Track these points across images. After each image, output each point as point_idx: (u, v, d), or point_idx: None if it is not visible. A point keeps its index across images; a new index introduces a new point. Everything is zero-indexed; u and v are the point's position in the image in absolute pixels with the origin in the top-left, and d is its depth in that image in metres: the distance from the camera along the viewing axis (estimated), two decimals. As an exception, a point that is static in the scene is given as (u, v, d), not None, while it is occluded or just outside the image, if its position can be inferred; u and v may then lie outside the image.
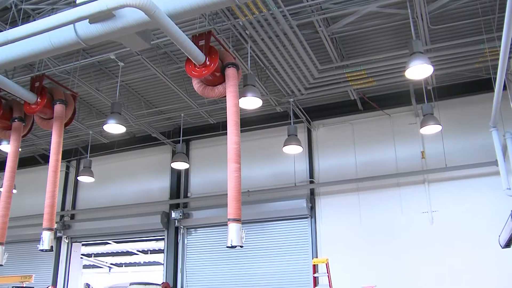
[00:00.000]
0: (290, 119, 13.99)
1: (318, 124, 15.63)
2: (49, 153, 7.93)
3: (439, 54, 11.93)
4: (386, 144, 14.61)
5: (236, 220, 4.46)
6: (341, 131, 15.34)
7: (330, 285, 11.94)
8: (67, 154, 18.26)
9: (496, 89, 9.21)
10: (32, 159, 18.89)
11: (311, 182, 15.14)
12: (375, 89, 14.25)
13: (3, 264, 7.50)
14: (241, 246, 4.33)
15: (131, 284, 3.36)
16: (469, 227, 13.01)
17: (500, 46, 7.62)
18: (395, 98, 14.55)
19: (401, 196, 14.04)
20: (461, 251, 12.87)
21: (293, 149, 13.59)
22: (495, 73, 8.93)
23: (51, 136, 8.10)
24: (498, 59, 8.21)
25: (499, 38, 8.25)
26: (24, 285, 15.21)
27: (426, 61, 8.98)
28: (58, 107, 8.26)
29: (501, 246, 10.77)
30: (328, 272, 12.07)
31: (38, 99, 8.26)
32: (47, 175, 7.79)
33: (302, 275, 14.28)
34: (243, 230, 4.44)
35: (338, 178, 14.76)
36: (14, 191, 8.57)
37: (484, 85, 13.12)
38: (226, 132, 5.90)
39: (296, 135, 13.52)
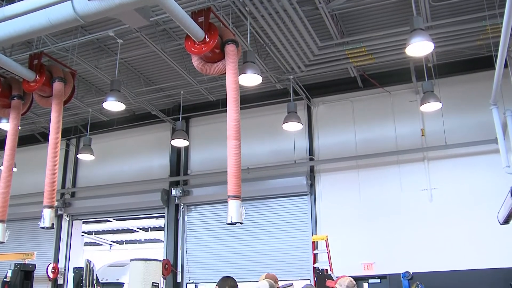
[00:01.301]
0: (290, 96, 13.95)
1: (318, 101, 15.60)
2: (49, 131, 7.92)
3: (440, 31, 11.86)
4: (386, 122, 14.59)
5: (236, 197, 4.47)
6: (341, 108, 15.31)
7: (329, 261, 12.03)
8: (67, 132, 18.25)
9: (497, 67, 9.16)
10: (32, 137, 18.89)
11: (311, 159, 15.16)
12: (375, 66, 14.19)
13: (4, 241, 7.55)
14: (241, 223, 4.35)
15: (132, 260, 3.37)
16: (468, 204, 13.07)
17: (502, 23, 7.56)
18: (395, 75, 14.49)
19: (401, 174, 14.07)
20: (460, 228, 12.94)
21: (293, 126, 13.58)
22: (496, 51, 8.87)
23: (50, 114, 8.08)
24: (499, 36, 8.14)
25: (501, 15, 8.17)
26: (26, 262, 15.32)
27: (427, 38, 8.91)
28: (57, 85, 8.23)
29: (499, 223, 10.82)
30: (327, 249, 12.14)
31: (37, 77, 8.22)
32: (47, 153, 7.80)
33: (301, 252, 14.38)
34: (243, 207, 4.45)
35: (337, 156, 14.78)
36: (15, 169, 8.57)
37: (485, 63, 13.03)
38: (226, 109, 5.88)
39: (296, 112, 13.50)
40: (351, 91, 15.14)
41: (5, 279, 14.54)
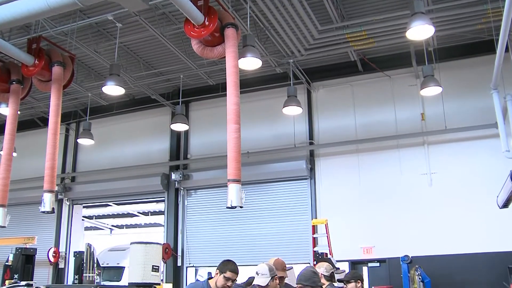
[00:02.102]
0: (290, 80, 13.90)
1: (317, 85, 15.55)
2: (48, 115, 7.89)
3: (441, 14, 11.78)
4: (386, 106, 14.57)
5: (236, 181, 4.47)
6: (341, 92, 15.28)
7: (329, 245, 12.09)
8: (67, 117, 18.22)
9: (498, 51, 9.11)
10: (32, 122, 18.87)
11: (311, 143, 15.16)
12: (376, 50, 14.13)
13: (5, 225, 7.56)
14: (241, 207, 4.35)
15: (132, 243, 3.40)
16: (467, 189, 13.10)
17: (503, 7, 7.51)
18: (396, 59, 14.44)
19: (401, 158, 14.08)
20: (459, 212, 12.99)
21: (293, 110, 13.56)
22: (498, 35, 8.81)
23: (50, 98, 8.05)
24: (501, 20, 8.09)
25: (503, -3, 8.11)
26: (28, 246, 15.40)
27: (428, 21, 8.87)
28: (56, 69, 8.17)
29: (499, 207, 10.85)
30: (327, 232, 12.20)
31: (36, 61, 8.17)
32: (47, 137, 7.78)
33: (301, 236, 14.44)
34: (243, 191, 4.45)
35: (337, 140, 14.77)
36: (14, 154, 8.55)
37: (486, 47, 12.95)
38: (226, 93, 5.87)
39: (296, 96, 13.46)
40: (351, 75, 15.10)
41: (6, 263, 14.62)
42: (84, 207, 19.92)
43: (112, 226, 28.53)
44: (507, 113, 11.12)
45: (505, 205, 10.45)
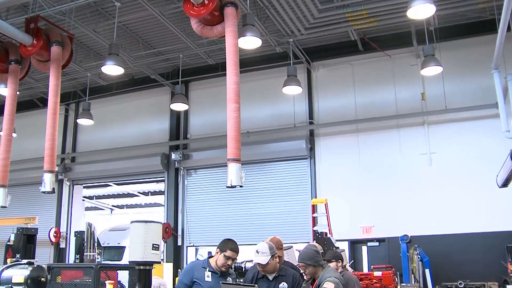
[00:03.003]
0: (290, 60, 13.83)
1: (318, 65, 15.48)
2: (48, 96, 7.86)
3: (443, -7, 11.69)
4: (386, 86, 14.52)
5: (236, 160, 4.47)
6: (341, 72, 15.22)
7: (328, 225, 12.12)
8: (66, 97, 18.16)
9: (499, 30, 9.06)
10: (31, 103, 18.82)
11: (311, 123, 15.16)
12: (376, 29, 14.04)
13: (6, 206, 7.58)
14: (241, 186, 4.36)
15: (132, 222, 3.41)
16: (467, 169, 13.12)
17: (505, -15, 7.45)
18: (396, 39, 14.35)
19: (400, 138, 14.08)
20: (459, 192, 13.03)
21: (293, 90, 13.52)
22: (500, 14, 8.75)
23: (49, 79, 8.02)
24: (503, -2, 8.03)
25: (505, -25, 8.03)
26: (29, 226, 15.45)
27: (429, 0, 8.79)
28: (54, 49, 8.12)
29: (498, 186, 10.88)
30: (327, 212, 12.22)
31: (34, 41, 8.11)
32: (46, 118, 7.76)
33: (301, 215, 14.51)
34: (243, 170, 4.45)
35: (337, 119, 14.76)
36: (14, 135, 8.54)
37: (487, 26, 12.85)
38: (226, 73, 5.84)
39: (296, 76, 13.40)
40: (351, 54, 15.02)
41: (8, 243, 14.68)
42: (84, 187, 19.96)
43: (113, 206, 28.61)
44: (507, 93, 11.09)
45: (505, 184, 10.48)
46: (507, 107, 11.20)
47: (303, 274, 5.44)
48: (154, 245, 3.07)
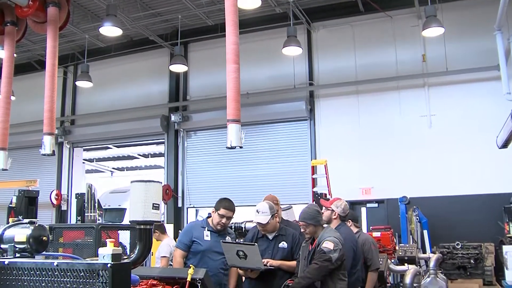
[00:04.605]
0: (290, 21, 13.65)
1: (318, 26, 15.31)
2: (45, 58, 7.80)
3: (445, -49, 11.48)
4: (386, 47, 14.40)
5: (236, 121, 4.44)
6: (341, 33, 15.06)
7: (328, 186, 12.21)
8: (64, 60, 18.03)
9: (502, -11, 8.93)
10: (29, 65, 18.66)
11: (311, 84, 15.09)
12: (377, -11, 13.85)
13: (7, 168, 7.60)
14: (241, 147, 4.35)
15: (132, 182, 3.43)
16: (466, 131, 13.12)
17: None
18: (398, -1, 14.18)
19: (401, 99, 14.04)
20: (458, 154, 13.07)
21: (293, 51, 13.41)
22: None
23: (46, 41, 7.93)
24: (506, -44, 7.89)
25: None
26: (30, 189, 15.55)
27: (431, -42, 8.64)
28: (51, 10, 7.99)
29: (498, 147, 10.90)
30: (326, 173, 12.29)
31: (30, 2, 7.99)
32: (45, 80, 7.71)
33: (301, 176, 14.59)
34: (243, 131, 4.43)
35: (337, 81, 14.70)
36: (13, 98, 8.51)
37: (490, -14, 12.69)
38: (225, 34, 5.77)
39: (296, 37, 13.27)
40: (352, 15, 14.84)
41: (10, 205, 14.81)
42: (84, 150, 20.02)
43: (113, 168, 28.72)
44: (509, 54, 11.01)
45: (505, 145, 10.50)
46: (508, 69, 11.14)
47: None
48: (154, 205, 3.08)
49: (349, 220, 6.87)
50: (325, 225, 5.66)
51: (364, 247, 6.68)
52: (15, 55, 8.36)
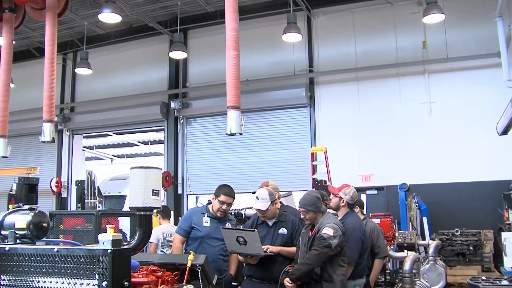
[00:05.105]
0: (290, 7, 13.58)
1: (318, 12, 15.24)
2: (44, 45, 7.77)
3: None
4: (387, 34, 14.34)
5: (235, 107, 4.43)
6: (341, 19, 14.99)
7: (328, 173, 12.21)
8: (63, 47, 17.95)
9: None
10: (28, 53, 18.58)
11: (310, 71, 15.06)
12: (378, -25, 13.77)
13: (7, 156, 7.59)
14: (240, 134, 4.34)
15: (132, 168, 3.43)
16: (467, 118, 13.10)
17: None
18: (398, -16, 14.09)
19: (401, 86, 14.01)
20: (458, 141, 13.06)
21: (293, 37, 13.36)
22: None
23: (45, 27, 7.90)
24: None
25: None
26: (30, 176, 15.56)
27: None
28: (50, -4, 7.97)
29: (498, 133, 10.89)
30: (326, 160, 12.29)
31: (28, -12, 7.95)
32: (44, 67, 7.68)
33: (300, 163, 14.60)
34: (243, 118, 4.43)
35: (337, 67, 14.66)
36: (12, 85, 8.49)
37: (492, -28, 12.60)
38: (225, 20, 5.74)
39: (296, 23, 13.22)
40: (352, 1, 14.77)
41: (10, 192, 14.84)
42: (84, 137, 20.00)
43: (113, 156, 28.74)
44: (510, 41, 10.96)
45: (505, 131, 10.50)
46: (509, 56, 11.09)
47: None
48: (154, 191, 3.09)
49: (357, 207, 6.85)
50: (330, 211, 5.68)
51: (372, 235, 6.69)
52: (13, 42, 8.33)
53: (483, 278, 4.43)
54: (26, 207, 3.34)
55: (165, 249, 8.55)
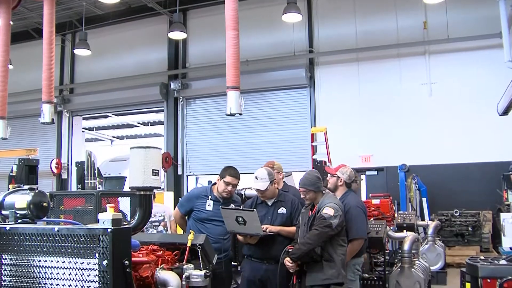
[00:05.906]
0: (290, -13, 13.49)
1: (318, -8, 15.14)
2: (43, 26, 7.71)
3: None
4: (387, 14, 14.25)
5: (235, 88, 4.42)
6: (342, -1, 14.90)
7: (327, 153, 12.19)
8: (62, 28, 17.83)
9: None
10: (26, 34, 18.46)
11: (310, 51, 15.00)
12: (379, -46, 13.63)
13: (7, 137, 7.59)
14: (240, 114, 4.34)
15: (132, 148, 3.42)
16: (467, 99, 13.10)
17: None
18: (399, -36, 13.96)
19: (401, 67, 13.97)
20: (458, 122, 13.07)
21: (292, 18, 13.26)
22: None
23: (43, 8, 7.83)
24: None
25: None
26: (30, 158, 15.57)
27: None
28: (47, -25, 7.90)
29: (498, 114, 10.88)
30: (326, 141, 12.27)
31: (26, -33, 7.88)
32: (42, 48, 7.64)
33: (300, 144, 14.61)
34: (242, 98, 4.42)
35: (337, 48, 14.60)
36: (10, 66, 8.44)
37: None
38: (224, 0, 5.70)
39: (296, 3, 13.11)
40: (353, -19, 14.65)
41: (11, 173, 14.86)
42: (84, 118, 19.99)
43: (113, 137, 28.72)
44: (512, 22, 10.88)
45: (505, 112, 10.48)
46: (511, 37, 11.01)
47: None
48: (154, 171, 3.08)
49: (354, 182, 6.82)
50: (327, 191, 5.67)
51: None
52: (11, 23, 8.27)
53: (482, 257, 4.45)
54: (26, 187, 3.34)
55: (149, 231, 8.46)
